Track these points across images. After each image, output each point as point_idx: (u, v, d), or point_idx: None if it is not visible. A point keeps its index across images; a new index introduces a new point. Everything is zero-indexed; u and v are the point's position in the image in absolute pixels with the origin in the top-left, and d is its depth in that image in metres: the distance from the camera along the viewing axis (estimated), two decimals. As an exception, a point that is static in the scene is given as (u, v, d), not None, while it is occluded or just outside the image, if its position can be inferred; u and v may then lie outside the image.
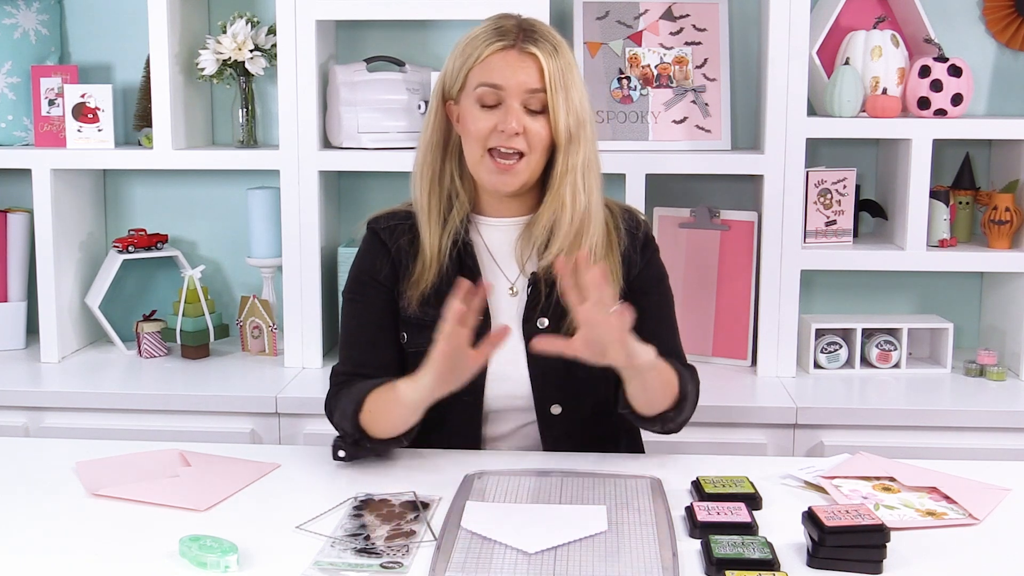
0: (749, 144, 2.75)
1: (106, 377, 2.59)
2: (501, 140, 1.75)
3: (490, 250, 1.86)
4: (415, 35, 2.80)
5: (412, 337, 1.85)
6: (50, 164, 2.64)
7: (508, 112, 1.74)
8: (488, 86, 1.75)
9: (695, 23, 2.65)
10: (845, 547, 1.40)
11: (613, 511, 1.55)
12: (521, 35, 1.76)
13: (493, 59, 1.75)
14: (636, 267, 1.86)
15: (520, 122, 1.74)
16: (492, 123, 1.75)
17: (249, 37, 2.66)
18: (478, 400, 1.82)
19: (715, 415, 2.34)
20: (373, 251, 1.89)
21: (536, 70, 1.74)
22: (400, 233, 1.87)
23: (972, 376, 2.56)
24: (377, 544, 1.46)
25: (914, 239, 2.51)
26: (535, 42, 1.75)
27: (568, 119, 1.75)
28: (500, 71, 1.75)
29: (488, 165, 1.77)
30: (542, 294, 1.81)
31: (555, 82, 1.74)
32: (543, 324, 1.81)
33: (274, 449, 2.00)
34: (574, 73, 1.78)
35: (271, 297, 2.77)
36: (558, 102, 1.74)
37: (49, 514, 1.58)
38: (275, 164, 2.59)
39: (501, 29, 1.77)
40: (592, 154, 1.81)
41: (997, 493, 1.65)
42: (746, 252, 2.61)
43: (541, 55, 1.74)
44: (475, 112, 1.77)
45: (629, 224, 1.88)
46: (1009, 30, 2.70)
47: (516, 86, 1.74)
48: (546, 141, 1.77)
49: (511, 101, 1.75)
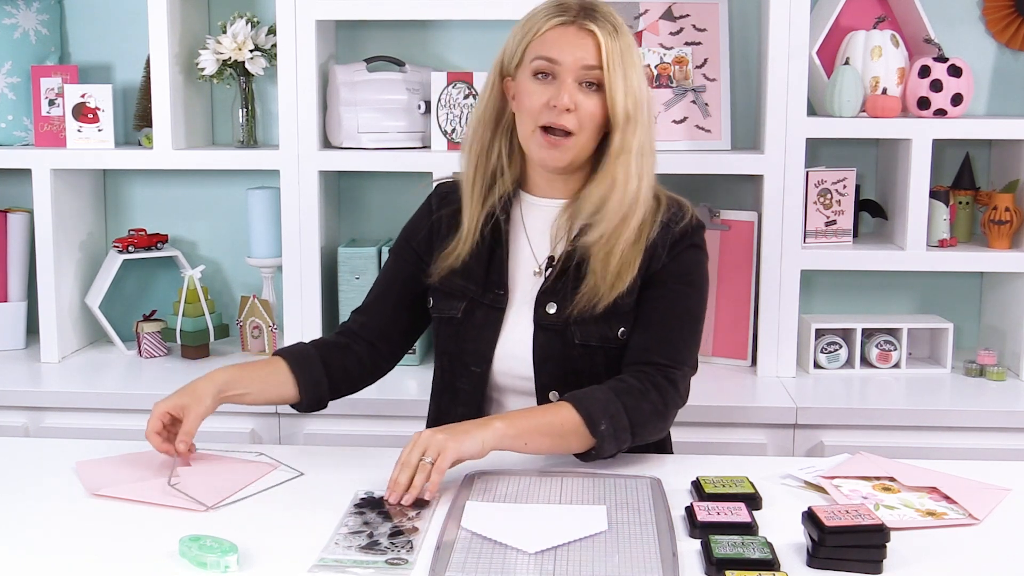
0: (749, 144, 2.75)
1: (106, 377, 2.59)
2: (552, 116, 1.75)
3: (526, 228, 1.87)
4: (415, 35, 2.80)
5: (437, 302, 1.90)
6: (50, 164, 2.64)
7: (562, 87, 1.74)
8: (544, 59, 1.75)
9: (695, 23, 2.65)
10: (845, 547, 1.39)
11: (613, 511, 1.55)
12: (582, 12, 1.76)
13: (551, 34, 1.76)
14: (659, 261, 1.81)
15: (573, 98, 1.74)
16: (545, 98, 1.75)
17: (249, 37, 2.66)
18: (485, 373, 1.85)
19: (715, 415, 2.34)
20: (420, 214, 1.97)
21: (594, 47, 1.74)
22: (450, 202, 1.91)
23: (972, 376, 2.56)
24: (381, 541, 1.46)
25: (914, 239, 2.51)
26: (595, 20, 1.75)
27: (626, 100, 1.74)
28: (557, 45, 1.75)
29: (539, 140, 1.77)
30: (555, 277, 1.82)
31: (613, 60, 1.74)
32: (552, 309, 1.82)
33: (274, 449, 2.00)
34: (633, 56, 1.77)
35: (271, 297, 2.77)
36: (616, 80, 1.74)
37: (49, 514, 1.58)
38: (275, 164, 2.59)
39: (563, 6, 1.78)
40: (648, 141, 1.80)
41: (997, 493, 1.65)
42: (746, 252, 2.61)
43: (600, 33, 1.74)
44: (530, 86, 1.77)
45: (672, 217, 1.84)
46: (1009, 30, 2.70)
47: (573, 61, 1.74)
48: (598, 119, 1.76)
49: (566, 76, 1.74)
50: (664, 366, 1.78)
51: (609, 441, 1.70)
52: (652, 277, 1.82)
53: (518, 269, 1.86)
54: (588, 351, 1.82)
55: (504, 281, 1.85)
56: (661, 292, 1.82)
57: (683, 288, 1.83)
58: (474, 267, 1.86)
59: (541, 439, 1.68)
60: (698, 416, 2.29)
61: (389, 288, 1.96)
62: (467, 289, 1.86)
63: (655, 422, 1.76)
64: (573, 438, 1.70)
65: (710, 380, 2.53)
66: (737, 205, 2.72)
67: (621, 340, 1.82)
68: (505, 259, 1.86)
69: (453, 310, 1.87)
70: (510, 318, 1.85)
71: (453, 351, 1.87)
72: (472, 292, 1.86)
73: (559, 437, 1.69)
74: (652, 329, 1.81)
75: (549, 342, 1.82)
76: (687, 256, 1.84)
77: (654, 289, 1.82)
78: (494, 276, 1.86)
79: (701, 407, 2.31)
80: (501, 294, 1.85)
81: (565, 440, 1.70)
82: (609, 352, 1.82)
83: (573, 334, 1.81)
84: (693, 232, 1.85)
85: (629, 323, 1.82)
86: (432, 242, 1.91)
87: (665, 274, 1.82)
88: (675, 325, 1.82)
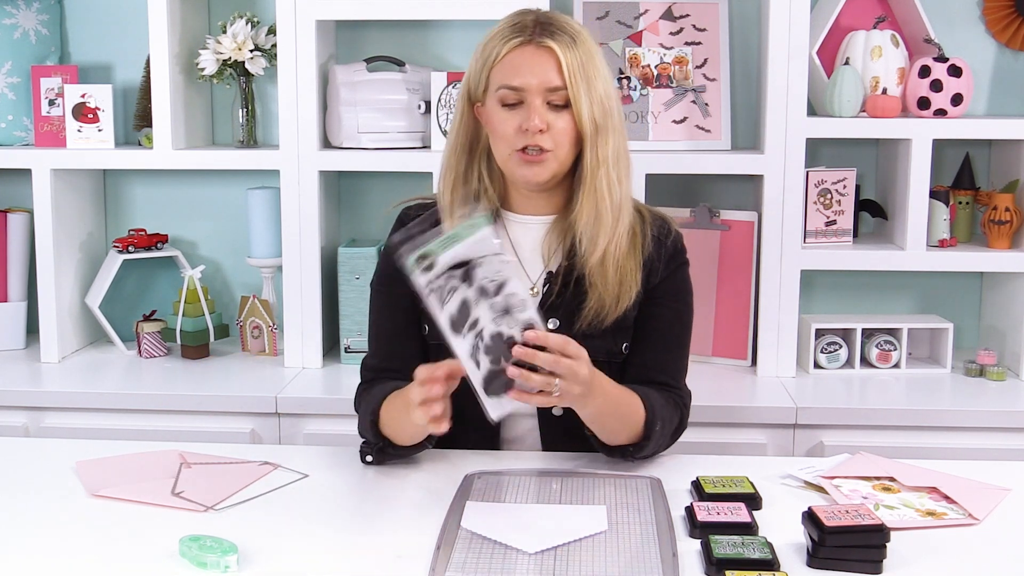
0: (749, 144, 2.75)
1: (106, 377, 2.59)
2: (526, 139, 1.74)
3: (515, 247, 1.86)
4: (415, 35, 2.80)
5: (433, 328, 1.84)
6: (50, 164, 2.64)
7: (530, 110, 1.73)
8: (508, 88, 1.74)
9: (695, 23, 2.65)
10: (845, 547, 1.40)
11: (613, 511, 1.55)
12: (537, 29, 1.74)
13: (510, 58, 1.74)
14: (658, 275, 1.84)
15: (543, 119, 1.73)
16: (516, 123, 1.74)
17: (249, 37, 2.66)
18: None
19: (715, 415, 2.34)
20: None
21: (554, 65, 1.72)
22: (428, 223, 1.87)
23: (972, 376, 2.56)
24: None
25: (914, 239, 2.51)
26: (551, 35, 1.73)
27: (592, 110, 1.73)
28: (518, 71, 1.73)
29: (517, 160, 1.76)
30: (555, 294, 1.81)
31: (575, 75, 1.72)
32: (554, 325, 1.81)
33: (274, 449, 2.00)
34: (596, 62, 1.75)
35: (271, 297, 2.77)
36: (580, 94, 1.72)
37: (49, 514, 1.58)
38: (275, 164, 2.59)
39: (517, 25, 1.76)
40: (621, 145, 1.79)
41: (997, 493, 1.65)
42: (746, 252, 2.61)
43: (558, 48, 1.72)
44: (499, 114, 1.76)
45: (660, 231, 1.85)
46: (1009, 30, 2.70)
47: (537, 85, 1.73)
48: (572, 135, 1.75)
49: (532, 99, 1.73)
50: (672, 387, 1.84)
51: (654, 442, 1.74)
52: (651, 293, 1.84)
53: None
54: (595, 366, 1.81)
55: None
56: (661, 310, 1.85)
57: (679, 306, 1.87)
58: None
59: (613, 421, 1.71)
60: (698, 416, 2.27)
61: (395, 323, 1.88)
62: None
63: (671, 440, 1.83)
64: (630, 429, 1.72)
65: (710, 380, 2.53)
66: (737, 205, 2.72)
67: (624, 354, 1.84)
68: None
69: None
70: None
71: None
72: None
73: (622, 425, 1.72)
74: (655, 348, 1.84)
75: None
76: (681, 273, 1.88)
77: (654, 307, 1.84)
78: None
79: (701, 407, 2.29)
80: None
81: (626, 428, 1.72)
82: (613, 367, 1.83)
83: None
84: (683, 247, 1.89)
85: (630, 338, 1.84)
86: None
87: (663, 291, 1.85)
88: (674, 344, 1.87)
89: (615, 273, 1.78)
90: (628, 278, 1.79)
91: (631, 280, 1.79)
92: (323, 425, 2.40)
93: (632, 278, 1.80)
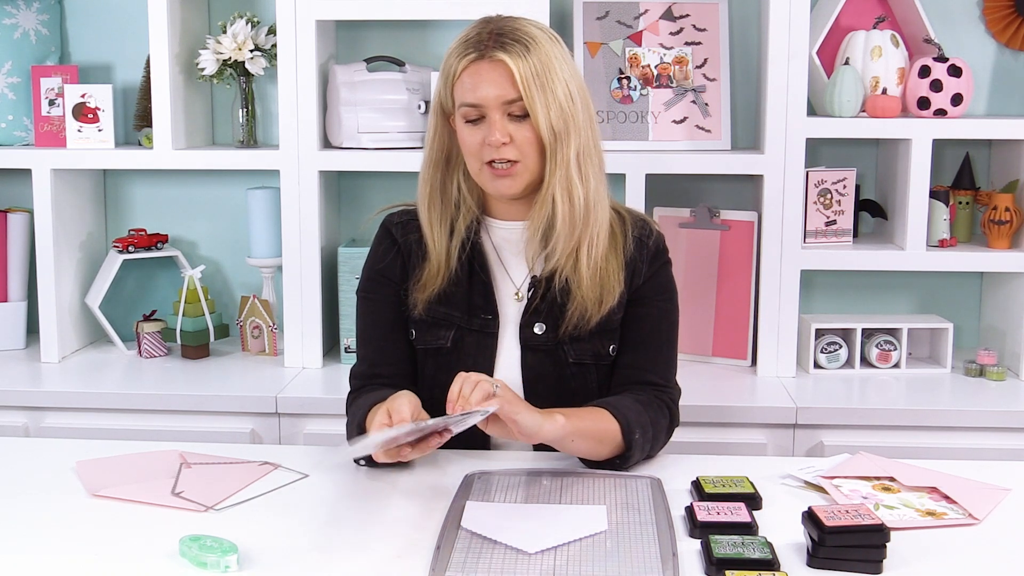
0: (749, 144, 2.75)
1: (106, 377, 2.59)
2: (492, 153, 1.74)
3: (498, 252, 1.86)
4: (415, 35, 2.80)
5: (420, 334, 1.86)
6: (50, 164, 2.64)
7: (491, 125, 1.72)
8: (467, 106, 1.74)
9: (695, 23, 2.65)
10: (845, 547, 1.40)
11: (613, 511, 1.56)
12: (491, 42, 1.72)
13: (466, 75, 1.73)
14: (641, 276, 1.84)
15: (504, 133, 1.72)
16: (480, 138, 1.74)
17: (249, 37, 2.66)
18: None
19: (715, 415, 2.34)
20: (384, 247, 1.90)
21: (508, 77, 1.71)
22: (412, 229, 1.88)
23: (972, 376, 2.56)
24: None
25: (914, 239, 2.51)
26: (503, 47, 1.71)
27: (550, 117, 1.72)
28: (475, 88, 1.73)
29: (487, 173, 1.76)
30: (540, 298, 1.81)
31: (529, 85, 1.70)
32: (540, 329, 1.81)
33: (274, 449, 2.00)
34: (553, 67, 1.73)
35: (271, 297, 2.77)
36: (536, 104, 1.71)
37: (49, 514, 1.58)
38: (275, 164, 2.59)
39: (470, 41, 1.75)
40: (587, 144, 1.76)
41: (997, 493, 1.65)
42: (746, 252, 2.61)
43: (510, 60, 1.70)
44: (465, 130, 1.76)
45: (642, 232, 1.85)
46: (1009, 30, 2.70)
47: (494, 99, 1.72)
48: (536, 143, 1.74)
49: (492, 114, 1.72)
50: (662, 387, 1.84)
51: (638, 451, 1.74)
52: (635, 293, 1.84)
53: (498, 293, 1.84)
54: (582, 369, 1.83)
55: (492, 306, 1.83)
56: (647, 310, 1.85)
57: (665, 305, 1.88)
58: (455, 295, 1.82)
59: (586, 442, 1.70)
60: (698, 416, 2.29)
61: (383, 329, 1.87)
62: (452, 317, 1.83)
63: (664, 439, 1.83)
64: (609, 444, 1.72)
65: (710, 380, 2.53)
66: (737, 205, 2.72)
67: (612, 356, 1.85)
68: (488, 284, 1.84)
69: (440, 340, 1.83)
70: (499, 343, 1.84)
71: (445, 381, 1.70)
72: (458, 319, 1.83)
73: (599, 442, 1.72)
74: (642, 348, 1.84)
75: (539, 363, 1.82)
76: (664, 272, 1.88)
77: (640, 307, 1.85)
78: (478, 301, 1.83)
79: (701, 407, 2.31)
80: (490, 319, 1.82)
81: (602, 445, 1.72)
82: (601, 369, 1.84)
83: (566, 353, 1.82)
84: (665, 248, 1.89)
85: (617, 339, 1.85)
86: (407, 270, 1.86)
87: (648, 291, 1.85)
88: (663, 343, 1.88)
89: (595, 274, 1.78)
90: (610, 279, 1.79)
91: (613, 281, 1.80)
92: (323, 425, 2.40)
93: (614, 279, 1.80)
